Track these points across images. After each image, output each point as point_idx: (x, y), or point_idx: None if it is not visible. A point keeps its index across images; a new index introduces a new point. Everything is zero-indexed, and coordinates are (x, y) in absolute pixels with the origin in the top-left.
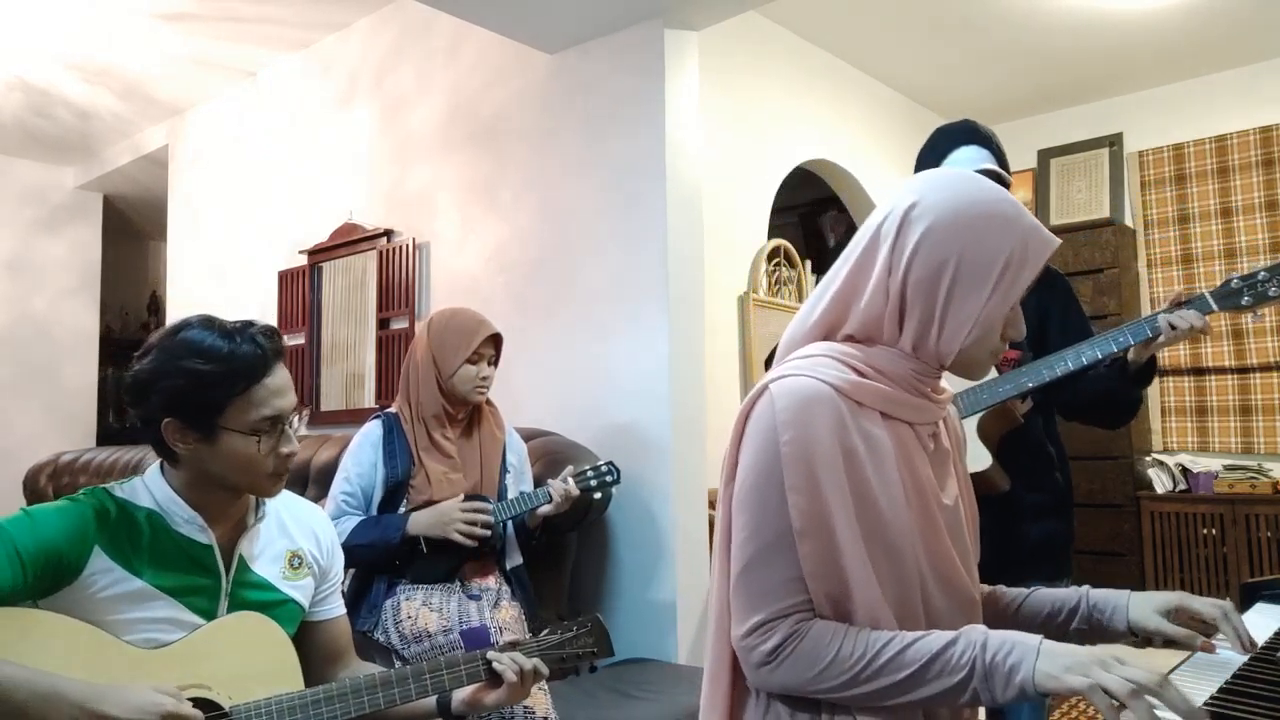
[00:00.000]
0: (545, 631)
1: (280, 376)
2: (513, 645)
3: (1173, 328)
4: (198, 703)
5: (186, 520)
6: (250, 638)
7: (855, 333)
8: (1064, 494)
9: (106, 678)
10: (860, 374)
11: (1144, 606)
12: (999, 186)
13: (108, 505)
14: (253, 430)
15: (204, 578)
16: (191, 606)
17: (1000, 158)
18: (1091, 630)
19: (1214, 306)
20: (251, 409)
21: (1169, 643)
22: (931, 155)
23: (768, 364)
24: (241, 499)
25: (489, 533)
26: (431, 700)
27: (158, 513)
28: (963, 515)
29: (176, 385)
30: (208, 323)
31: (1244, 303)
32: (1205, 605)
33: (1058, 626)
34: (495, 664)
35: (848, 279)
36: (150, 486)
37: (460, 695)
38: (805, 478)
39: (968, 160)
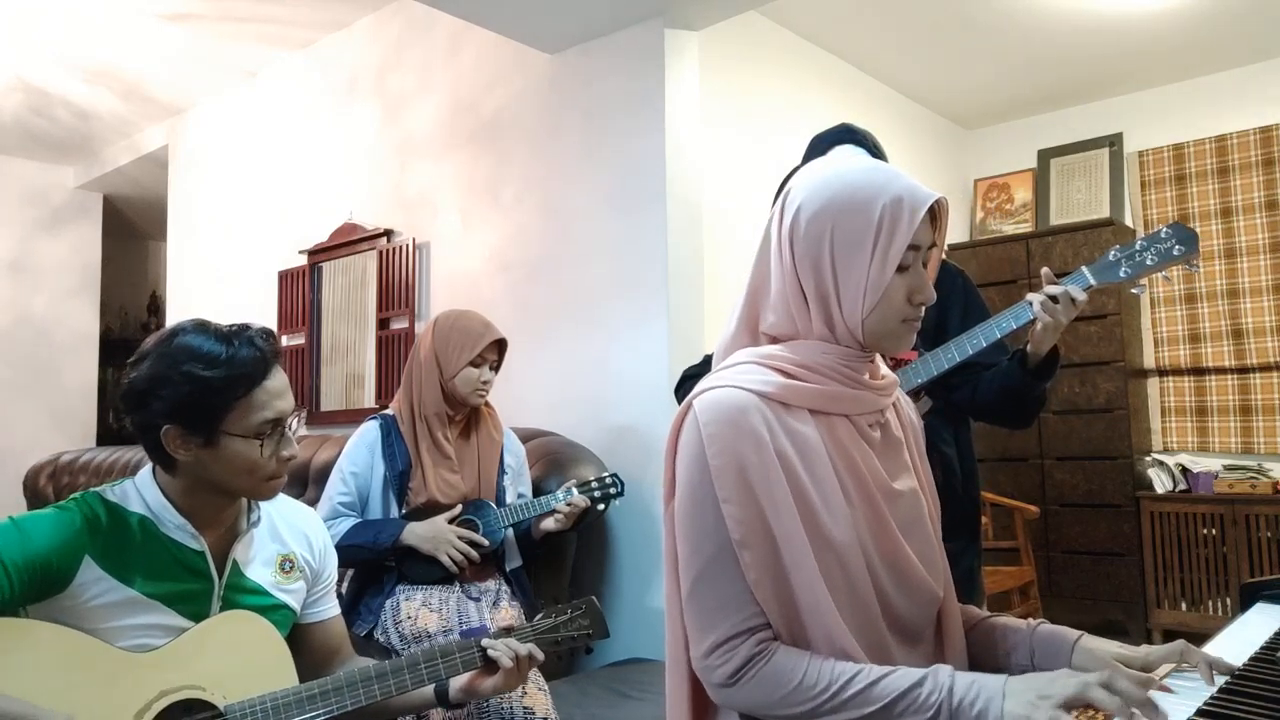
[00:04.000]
0: (540, 616)
1: (279, 379)
2: (507, 631)
3: (1054, 300)
4: (191, 703)
5: (177, 526)
6: (241, 636)
7: (773, 329)
8: (970, 511)
9: (98, 683)
10: (787, 374)
11: (1088, 656)
12: (874, 162)
13: (99, 512)
14: (255, 434)
15: (196, 583)
16: (183, 612)
17: (877, 155)
18: (1033, 667)
19: (1091, 280)
20: (253, 412)
21: None
22: (811, 158)
23: (678, 390)
24: (234, 504)
25: (478, 559)
26: (429, 689)
27: (149, 518)
28: (923, 505)
29: (178, 392)
30: (202, 327)
31: (1122, 275)
32: (1154, 656)
33: (1003, 656)
34: (490, 650)
35: (754, 276)
36: (142, 490)
37: (457, 683)
38: (736, 488)
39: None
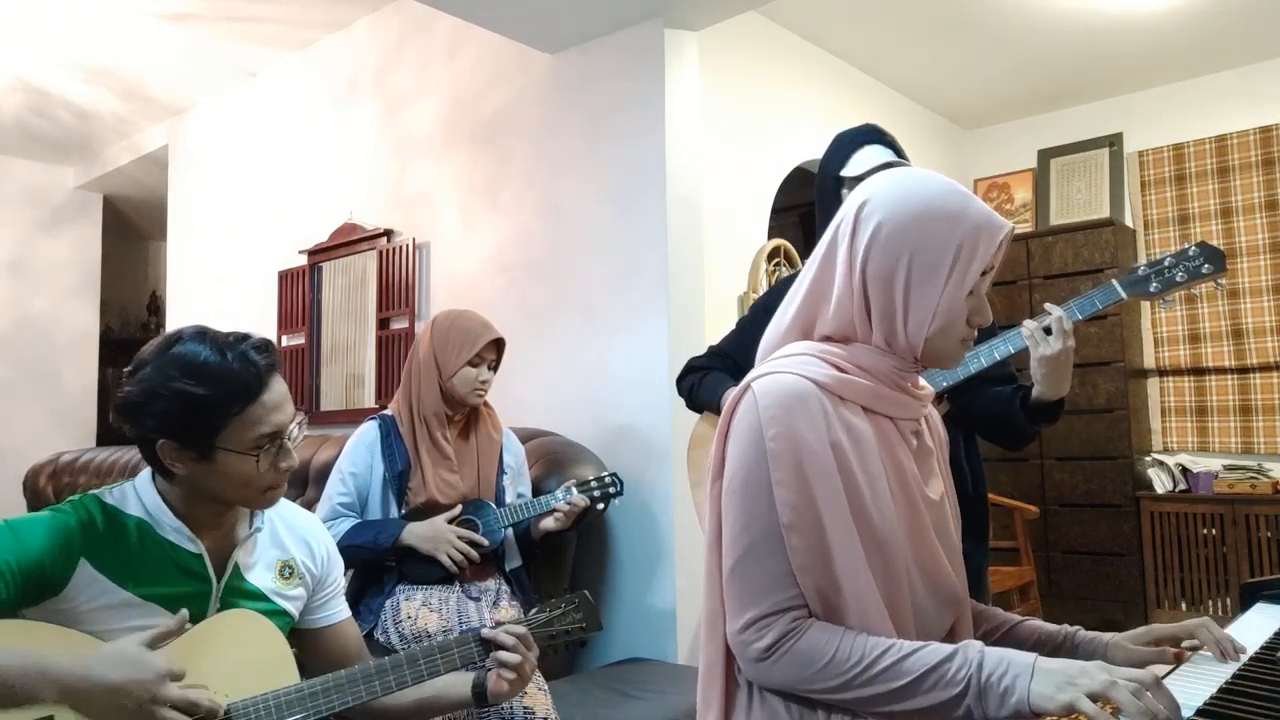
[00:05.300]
0: (534, 611)
1: (276, 390)
2: (497, 625)
3: (1046, 331)
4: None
5: (174, 529)
6: (242, 634)
7: (831, 333)
8: (979, 512)
9: None
10: (841, 370)
11: (1122, 645)
12: (947, 180)
13: (95, 514)
14: (252, 448)
15: (193, 585)
16: None
17: (901, 157)
18: None
19: (1122, 294)
20: (249, 428)
21: None
22: (836, 157)
23: (680, 382)
24: (234, 509)
25: (478, 559)
26: (466, 691)
27: (147, 521)
28: (948, 513)
29: (170, 409)
30: (200, 336)
31: (1153, 289)
32: (1180, 627)
33: None
34: (485, 633)
35: (814, 281)
36: (140, 493)
37: (489, 689)
38: (791, 472)
39: (871, 158)
